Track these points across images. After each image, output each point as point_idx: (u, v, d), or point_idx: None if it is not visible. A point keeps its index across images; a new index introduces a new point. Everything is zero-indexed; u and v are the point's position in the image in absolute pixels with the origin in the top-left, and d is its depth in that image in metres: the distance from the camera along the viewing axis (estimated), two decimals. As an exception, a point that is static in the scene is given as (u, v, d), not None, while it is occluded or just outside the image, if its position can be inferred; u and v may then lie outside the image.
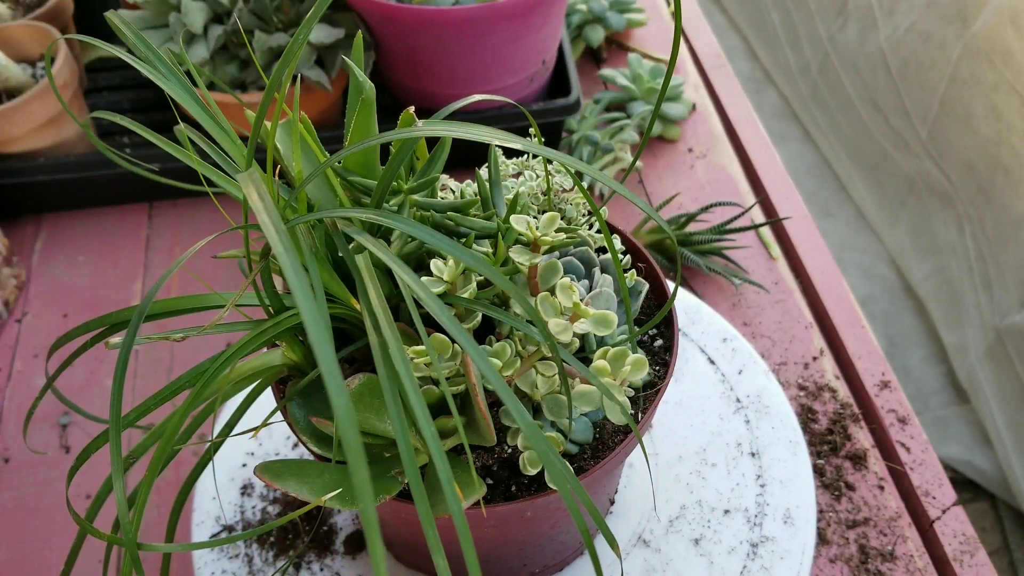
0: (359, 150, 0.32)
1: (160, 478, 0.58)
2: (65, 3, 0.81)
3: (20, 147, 0.72)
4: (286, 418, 0.35)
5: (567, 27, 0.89)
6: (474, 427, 0.31)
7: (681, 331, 0.44)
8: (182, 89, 0.31)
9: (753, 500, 0.52)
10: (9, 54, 0.73)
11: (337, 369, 0.17)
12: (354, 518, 0.53)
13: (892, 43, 1.03)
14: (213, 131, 0.32)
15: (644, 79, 0.81)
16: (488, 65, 0.72)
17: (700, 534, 0.51)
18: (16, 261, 0.72)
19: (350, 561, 0.50)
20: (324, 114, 0.77)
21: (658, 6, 0.98)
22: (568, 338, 0.31)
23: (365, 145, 0.26)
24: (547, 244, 0.31)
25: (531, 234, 0.31)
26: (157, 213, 0.77)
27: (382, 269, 0.32)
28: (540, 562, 0.47)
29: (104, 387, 0.64)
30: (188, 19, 0.68)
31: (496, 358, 0.30)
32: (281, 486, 0.30)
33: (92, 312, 0.69)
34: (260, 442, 0.56)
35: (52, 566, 0.54)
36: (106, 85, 0.85)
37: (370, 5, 0.67)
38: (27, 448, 0.60)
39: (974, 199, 0.93)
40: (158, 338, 0.32)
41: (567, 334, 0.31)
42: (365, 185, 0.32)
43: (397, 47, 0.72)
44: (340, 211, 0.27)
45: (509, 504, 0.34)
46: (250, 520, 0.53)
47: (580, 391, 0.32)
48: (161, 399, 0.30)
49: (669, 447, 0.55)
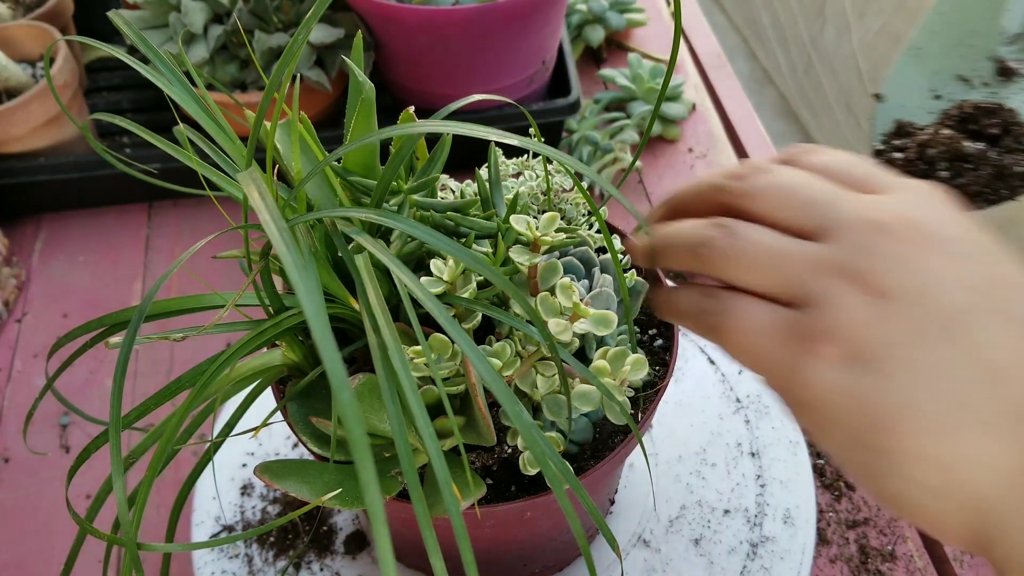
0: (359, 150, 0.32)
1: (160, 478, 0.58)
2: (65, 3, 0.81)
3: (20, 147, 0.72)
4: (286, 418, 0.35)
5: (567, 27, 0.89)
6: (474, 427, 0.31)
7: (681, 331, 0.44)
8: (182, 90, 0.31)
9: (753, 500, 0.52)
10: (9, 54, 0.73)
11: (341, 364, 0.17)
12: (354, 518, 0.53)
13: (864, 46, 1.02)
14: (213, 132, 0.32)
15: (644, 79, 0.81)
16: (488, 65, 0.72)
17: (700, 534, 0.51)
18: (16, 261, 0.72)
19: (350, 561, 0.50)
20: (324, 114, 0.77)
21: (658, 6, 0.98)
22: (568, 337, 0.31)
23: (363, 142, 0.26)
24: (547, 244, 0.31)
25: (531, 234, 0.31)
26: (157, 213, 0.77)
27: (382, 269, 0.32)
28: (540, 562, 0.47)
29: (104, 387, 0.64)
30: (188, 19, 0.68)
31: (496, 358, 0.30)
32: (281, 486, 0.30)
33: (92, 312, 0.69)
34: (260, 442, 0.56)
35: (52, 566, 0.54)
36: (106, 85, 0.85)
37: (370, 5, 0.67)
38: (27, 448, 0.60)
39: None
40: (158, 338, 0.32)
41: (567, 334, 0.31)
42: (365, 185, 0.32)
43: (397, 47, 0.72)
44: (339, 211, 0.27)
45: (509, 504, 0.34)
46: (250, 520, 0.53)
47: (580, 391, 0.32)
48: (161, 399, 0.30)
49: (669, 447, 0.55)
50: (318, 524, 0.52)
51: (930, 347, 0.24)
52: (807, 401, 0.26)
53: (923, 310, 0.24)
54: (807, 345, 0.25)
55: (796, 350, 0.26)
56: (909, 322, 0.24)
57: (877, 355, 0.24)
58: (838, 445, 0.25)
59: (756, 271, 0.27)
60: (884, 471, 0.24)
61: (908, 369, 0.24)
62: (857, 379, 0.24)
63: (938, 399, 0.23)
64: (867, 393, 0.24)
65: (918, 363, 0.24)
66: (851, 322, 0.25)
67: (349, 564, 0.50)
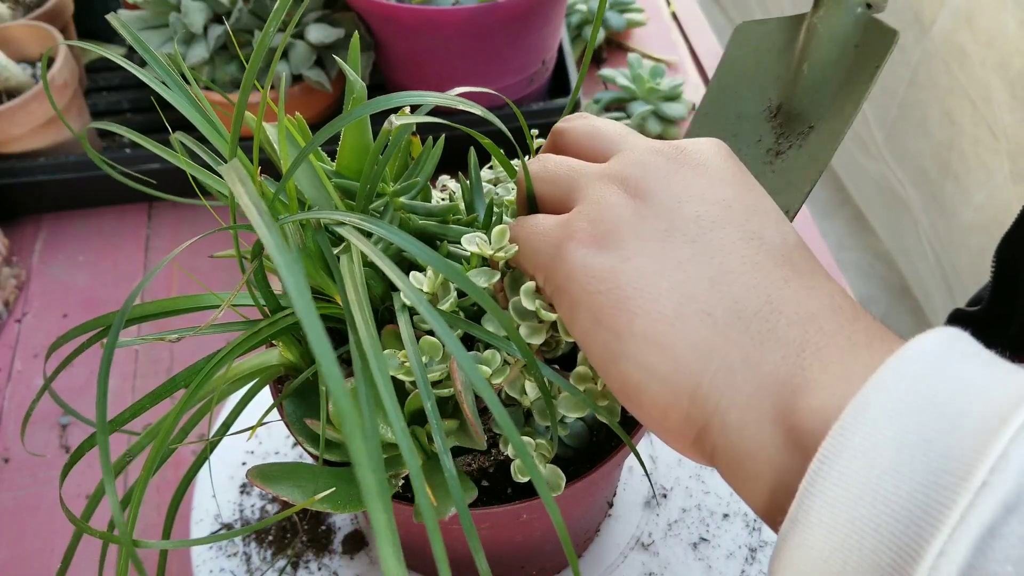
0: (351, 153, 0.32)
1: (161, 479, 0.58)
2: (65, 3, 0.81)
3: (20, 147, 0.72)
4: (283, 417, 0.35)
5: (567, 27, 0.89)
6: (466, 431, 0.31)
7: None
8: (178, 92, 0.31)
9: (751, 501, 0.52)
10: (9, 54, 0.73)
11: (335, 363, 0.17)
12: (353, 517, 0.53)
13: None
14: (208, 134, 0.32)
15: (644, 79, 0.81)
16: (488, 65, 0.72)
17: (699, 538, 0.51)
18: (16, 261, 0.72)
19: (348, 561, 0.50)
20: (324, 114, 0.77)
21: (658, 6, 0.98)
22: (539, 340, 0.30)
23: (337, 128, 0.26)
24: (502, 259, 0.31)
25: (484, 252, 0.31)
26: (157, 213, 0.78)
27: (377, 269, 0.32)
28: (538, 564, 0.47)
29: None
30: (188, 19, 0.68)
31: (486, 365, 0.30)
32: (273, 490, 0.30)
33: (92, 312, 0.69)
34: (260, 441, 0.56)
35: (52, 566, 0.54)
36: (106, 85, 0.85)
37: (370, 5, 0.67)
38: (26, 448, 0.60)
39: (927, 204, 0.92)
40: (153, 339, 0.32)
41: (538, 337, 0.30)
42: (349, 187, 0.32)
43: (397, 47, 0.72)
44: (321, 212, 0.27)
45: (504, 507, 0.34)
46: (249, 518, 0.53)
47: (566, 398, 0.31)
48: (156, 398, 0.30)
49: (668, 450, 0.55)
50: (316, 523, 0.52)
51: (674, 245, 0.27)
52: (561, 283, 0.28)
53: (677, 215, 0.27)
54: (567, 230, 0.28)
55: (559, 236, 0.29)
56: (660, 222, 0.27)
57: (625, 242, 0.27)
58: (583, 329, 0.27)
59: (553, 185, 0.31)
60: (618, 353, 0.26)
61: (651, 259, 0.26)
62: (603, 260, 0.27)
63: (672, 289, 0.26)
64: (610, 274, 0.27)
65: (660, 255, 0.26)
66: (609, 213, 0.28)
67: (347, 564, 0.50)
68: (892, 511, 0.19)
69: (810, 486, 0.20)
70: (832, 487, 0.20)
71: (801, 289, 0.25)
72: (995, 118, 0.77)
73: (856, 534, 0.20)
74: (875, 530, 0.19)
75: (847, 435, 0.20)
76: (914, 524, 0.19)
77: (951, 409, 0.20)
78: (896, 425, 0.20)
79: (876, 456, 0.20)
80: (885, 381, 0.21)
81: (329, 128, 0.26)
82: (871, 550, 0.19)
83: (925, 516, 0.19)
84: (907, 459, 0.19)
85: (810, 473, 0.21)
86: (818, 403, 0.22)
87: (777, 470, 0.23)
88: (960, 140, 0.83)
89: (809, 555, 0.20)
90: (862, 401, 0.21)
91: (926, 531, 0.18)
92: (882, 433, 0.20)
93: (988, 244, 0.84)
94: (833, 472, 0.20)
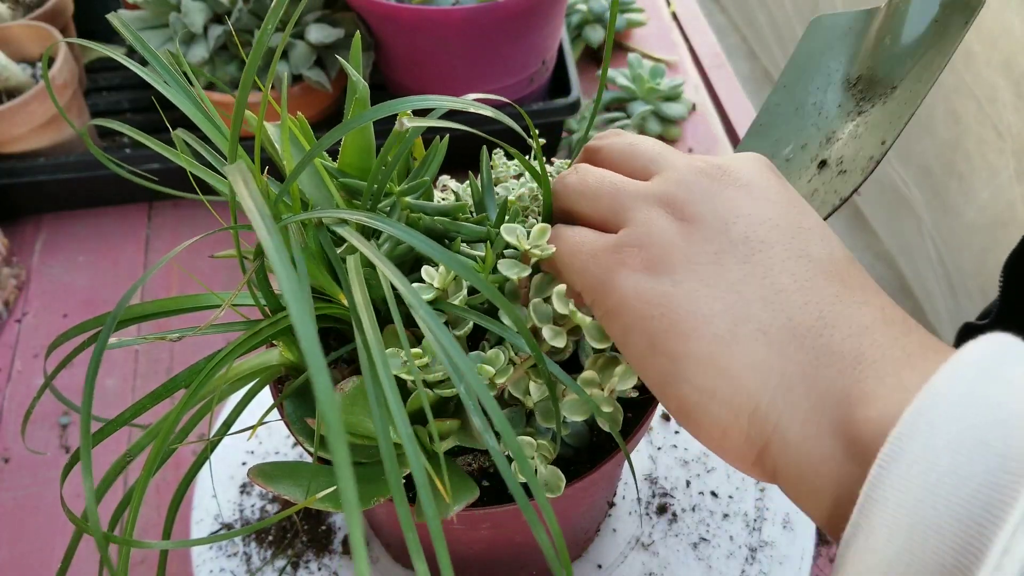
0: (354, 152, 0.32)
1: (162, 479, 0.58)
2: (65, 3, 0.81)
3: (20, 147, 0.72)
4: (283, 417, 0.35)
5: (567, 27, 0.89)
6: (468, 430, 0.31)
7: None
8: (179, 91, 0.31)
9: (752, 504, 0.52)
10: (9, 54, 0.73)
11: (325, 370, 0.17)
12: (352, 518, 0.53)
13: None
14: (210, 133, 0.32)
15: (644, 79, 0.81)
16: (488, 65, 0.72)
17: (699, 538, 0.51)
18: (16, 261, 0.72)
19: (348, 561, 0.50)
20: (324, 114, 0.77)
21: (658, 6, 0.98)
22: (562, 343, 0.31)
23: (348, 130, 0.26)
24: (536, 257, 0.31)
25: (521, 246, 0.31)
26: (157, 213, 0.78)
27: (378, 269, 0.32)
28: (539, 564, 0.47)
29: (105, 387, 0.64)
30: (188, 19, 0.68)
31: (489, 365, 0.30)
32: (274, 488, 0.30)
33: (92, 312, 0.69)
34: (260, 440, 0.56)
35: (52, 565, 0.54)
36: (106, 85, 0.85)
37: (370, 5, 0.67)
38: (26, 448, 0.60)
39: (931, 203, 0.92)
40: (153, 338, 0.32)
41: (560, 339, 0.31)
42: (356, 187, 0.32)
43: (397, 47, 0.72)
44: (329, 211, 0.27)
45: (504, 507, 0.34)
46: (249, 518, 0.53)
47: (570, 401, 0.31)
48: (156, 398, 0.30)
49: (668, 450, 0.55)
50: (316, 524, 0.52)
51: (725, 267, 0.27)
52: (613, 308, 0.28)
53: (725, 237, 0.27)
54: (617, 256, 0.28)
55: (609, 262, 0.29)
56: (710, 244, 0.27)
57: (677, 267, 0.27)
58: (638, 353, 0.27)
59: (594, 200, 0.31)
60: (675, 376, 0.26)
61: (703, 282, 0.27)
62: (656, 285, 0.27)
63: (726, 310, 0.26)
64: (663, 299, 0.27)
65: (713, 278, 0.27)
66: (659, 237, 0.28)
67: (347, 564, 0.50)
68: (953, 512, 0.19)
69: (871, 492, 0.21)
70: (892, 492, 0.20)
71: (852, 304, 0.26)
72: (1000, 117, 0.77)
73: (918, 537, 0.20)
74: (937, 532, 0.20)
75: (905, 441, 0.21)
76: (976, 524, 0.19)
77: (1006, 410, 0.20)
78: (953, 428, 0.20)
79: (935, 460, 0.20)
80: (940, 387, 0.21)
81: (338, 131, 0.26)
82: (933, 552, 0.20)
83: (986, 516, 0.19)
84: (965, 461, 0.20)
85: (870, 480, 0.21)
86: (876, 413, 0.22)
87: (839, 482, 0.23)
88: (965, 139, 0.83)
89: (872, 559, 0.21)
90: (918, 408, 0.21)
91: (988, 530, 0.19)
92: (940, 437, 0.20)
93: (991, 244, 0.84)
94: (893, 477, 0.20)
